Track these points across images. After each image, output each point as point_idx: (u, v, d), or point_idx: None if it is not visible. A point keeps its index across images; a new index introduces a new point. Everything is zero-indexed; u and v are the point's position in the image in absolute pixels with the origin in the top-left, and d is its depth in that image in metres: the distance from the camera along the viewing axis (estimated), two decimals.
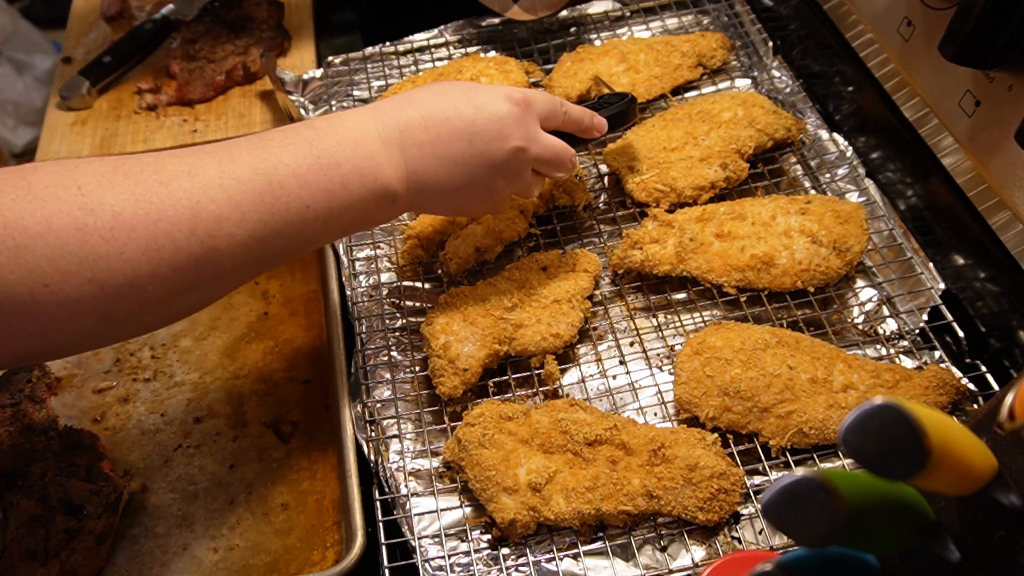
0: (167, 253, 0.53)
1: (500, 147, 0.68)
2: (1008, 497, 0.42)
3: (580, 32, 1.12)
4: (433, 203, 0.70)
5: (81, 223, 0.50)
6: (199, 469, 0.80)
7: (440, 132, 0.66)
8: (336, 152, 0.61)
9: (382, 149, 0.64)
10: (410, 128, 0.65)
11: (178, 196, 0.54)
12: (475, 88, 0.69)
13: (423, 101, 0.67)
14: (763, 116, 0.92)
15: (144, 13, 1.24)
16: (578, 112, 0.76)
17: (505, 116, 0.68)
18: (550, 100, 0.73)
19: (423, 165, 0.66)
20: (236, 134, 1.07)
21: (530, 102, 0.70)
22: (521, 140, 0.69)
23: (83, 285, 0.51)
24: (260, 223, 0.58)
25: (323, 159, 0.61)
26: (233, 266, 0.58)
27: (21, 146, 2.32)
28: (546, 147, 0.72)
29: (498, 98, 0.68)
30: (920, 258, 0.83)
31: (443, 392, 0.76)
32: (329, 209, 0.61)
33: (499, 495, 0.69)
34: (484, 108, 0.67)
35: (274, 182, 0.58)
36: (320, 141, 0.62)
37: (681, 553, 0.68)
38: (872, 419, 0.37)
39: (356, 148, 0.62)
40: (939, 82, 0.81)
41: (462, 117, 0.67)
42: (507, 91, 0.69)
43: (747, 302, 0.82)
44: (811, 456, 0.72)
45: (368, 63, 1.10)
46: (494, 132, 0.67)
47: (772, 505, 0.39)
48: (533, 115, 0.71)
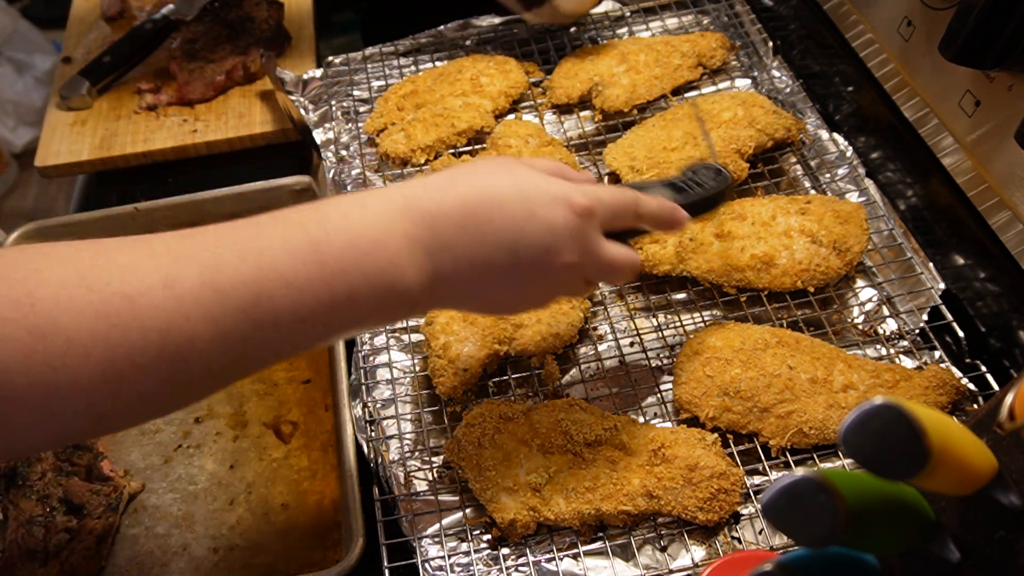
0: (129, 377, 0.46)
1: (549, 262, 0.57)
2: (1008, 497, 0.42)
3: (580, 32, 1.12)
4: (459, 305, 0.61)
5: (30, 349, 0.44)
6: (199, 469, 0.81)
7: (480, 235, 0.55)
8: (345, 257, 0.51)
9: (405, 250, 0.53)
10: (445, 225, 0.54)
11: (146, 316, 0.46)
12: (533, 182, 0.57)
13: (466, 187, 0.56)
14: (763, 116, 0.92)
15: (144, 13, 1.24)
16: (655, 209, 0.64)
17: (561, 228, 0.56)
18: (619, 202, 0.61)
19: (453, 270, 0.55)
20: (236, 135, 1.08)
21: (593, 210, 0.58)
22: (575, 255, 0.58)
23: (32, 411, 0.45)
24: (241, 341, 0.49)
25: (328, 266, 0.51)
26: (210, 379, 0.51)
27: (21, 146, 2.32)
28: (603, 261, 0.60)
29: (556, 202, 0.57)
30: (920, 258, 0.83)
31: (443, 392, 0.76)
32: (329, 322, 0.52)
33: (499, 495, 0.69)
34: (537, 214, 0.56)
35: (263, 295, 0.49)
36: (328, 243, 0.51)
37: (681, 553, 0.68)
38: (872, 419, 0.37)
39: (372, 251, 0.52)
40: (939, 82, 0.81)
41: (510, 221, 0.55)
42: (568, 194, 0.57)
43: (747, 302, 0.82)
44: (811, 456, 0.72)
45: (368, 63, 1.10)
46: (545, 244, 0.56)
47: (772, 505, 0.39)
48: (595, 224, 0.59)
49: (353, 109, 1.05)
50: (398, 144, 0.97)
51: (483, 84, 1.01)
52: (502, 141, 0.94)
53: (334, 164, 0.99)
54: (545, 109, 1.03)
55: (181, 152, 1.08)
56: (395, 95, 1.03)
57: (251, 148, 1.09)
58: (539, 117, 1.02)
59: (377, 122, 1.01)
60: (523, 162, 0.60)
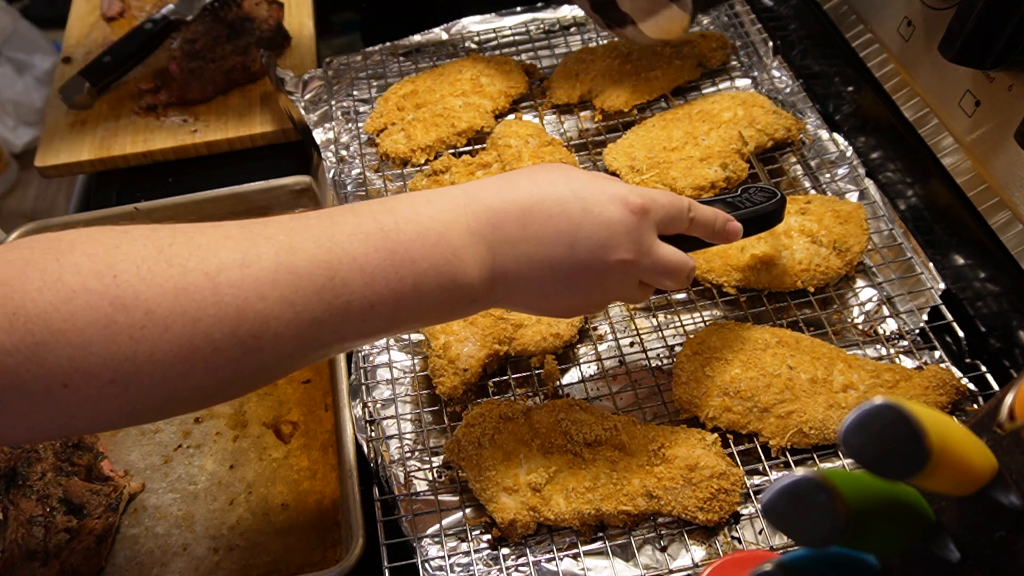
0: (203, 354, 0.47)
1: (605, 257, 0.58)
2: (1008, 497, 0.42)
3: (580, 32, 1.12)
4: (518, 305, 0.61)
5: (110, 319, 0.45)
6: (199, 469, 0.81)
7: (539, 232, 0.57)
8: (414, 247, 0.53)
9: (468, 244, 0.55)
10: (506, 221, 0.56)
11: (224, 292, 0.47)
12: (588, 183, 0.59)
13: (526, 189, 0.58)
14: (763, 116, 0.92)
15: (144, 13, 1.24)
16: (708, 216, 0.65)
17: (616, 223, 0.58)
18: (674, 205, 0.62)
19: (513, 265, 0.57)
20: (236, 134, 1.08)
21: (647, 209, 0.59)
22: (630, 253, 0.59)
23: (105, 386, 0.46)
24: (314, 323, 0.51)
25: (397, 254, 0.53)
26: (278, 363, 0.52)
27: (21, 146, 2.32)
28: (658, 262, 0.61)
29: (612, 200, 0.58)
30: (920, 258, 0.83)
31: (443, 392, 0.76)
32: (397, 308, 0.54)
33: (499, 495, 0.69)
34: (593, 211, 0.57)
35: (336, 279, 0.51)
36: (398, 232, 0.53)
37: (681, 553, 0.68)
38: (872, 419, 0.37)
39: (438, 243, 0.54)
40: (939, 82, 0.81)
41: (568, 217, 0.57)
42: (624, 193, 0.59)
43: (747, 302, 0.82)
44: (811, 456, 0.72)
45: (368, 63, 1.10)
46: (601, 240, 0.57)
47: (772, 505, 0.39)
48: (650, 224, 0.60)
49: (353, 109, 1.05)
50: (398, 144, 0.97)
51: (483, 84, 1.01)
52: (502, 141, 0.94)
53: (334, 164, 0.99)
54: (545, 109, 1.03)
55: (181, 152, 1.08)
56: (395, 95, 1.03)
57: (251, 148, 1.09)
58: (539, 117, 1.02)
59: (377, 122, 1.01)
60: (577, 167, 0.62)
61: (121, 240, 0.48)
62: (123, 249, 0.47)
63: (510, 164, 0.91)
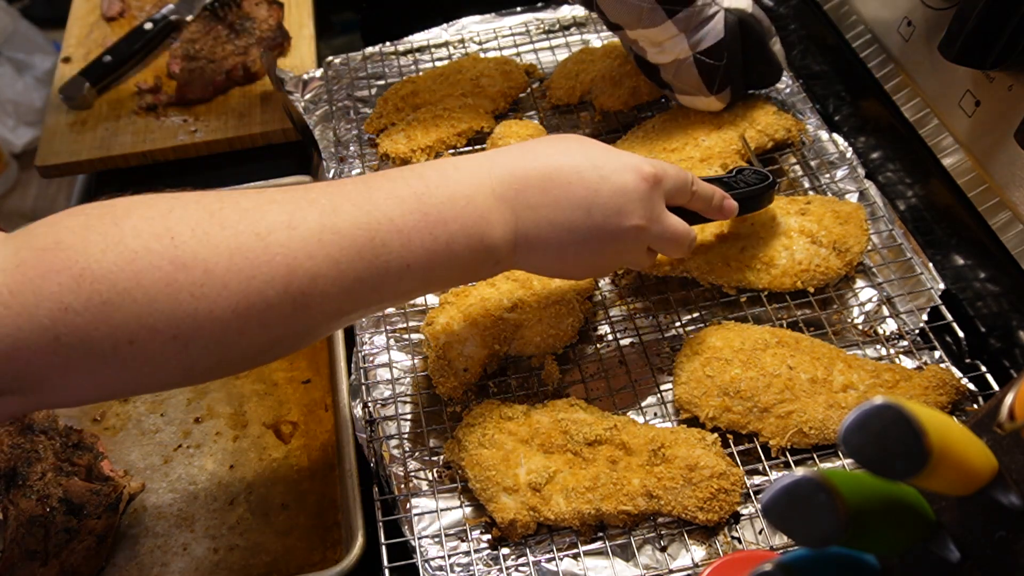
0: (257, 311, 0.50)
1: (619, 223, 0.62)
2: (1008, 497, 0.42)
3: (581, 32, 1.12)
4: (537, 266, 0.65)
5: (172, 279, 0.48)
6: (199, 469, 0.81)
7: (558, 196, 0.61)
8: (445, 209, 0.57)
9: (494, 207, 0.59)
10: (527, 187, 0.60)
11: (274, 251, 0.51)
12: (604, 153, 0.63)
13: (545, 157, 0.62)
14: (763, 116, 0.92)
15: (144, 13, 1.24)
16: (708, 191, 0.70)
17: (631, 191, 0.62)
18: (680, 177, 0.67)
19: (534, 228, 0.61)
20: (236, 134, 1.08)
21: (659, 179, 0.64)
22: (642, 219, 0.63)
23: (168, 342, 0.49)
24: (357, 281, 0.54)
25: (431, 216, 0.56)
26: (324, 321, 0.55)
27: (21, 146, 2.32)
28: (667, 229, 0.66)
29: (626, 169, 0.63)
30: (920, 258, 0.83)
31: (443, 392, 0.76)
32: (430, 267, 0.57)
33: (499, 495, 0.69)
34: (609, 178, 0.62)
35: (376, 239, 0.54)
36: (430, 196, 0.57)
37: (681, 553, 0.68)
38: (872, 419, 0.37)
39: (467, 205, 0.58)
40: (939, 82, 0.81)
41: (585, 184, 0.61)
42: (637, 163, 0.63)
43: (747, 302, 0.82)
44: (811, 456, 0.72)
45: (368, 63, 1.10)
46: (616, 206, 0.62)
47: (772, 505, 0.39)
48: (660, 192, 0.65)
49: (353, 109, 1.05)
50: (398, 144, 0.97)
51: (483, 84, 1.01)
52: (502, 141, 0.94)
53: (334, 164, 0.99)
54: (545, 109, 1.03)
55: (181, 152, 1.08)
56: (395, 95, 1.03)
57: (251, 148, 1.09)
58: (539, 117, 1.02)
59: (377, 122, 1.01)
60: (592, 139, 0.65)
61: (174, 205, 0.50)
62: (176, 213, 0.50)
63: None
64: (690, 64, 0.86)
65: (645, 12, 0.82)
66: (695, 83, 0.88)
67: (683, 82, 0.89)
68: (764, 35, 0.87)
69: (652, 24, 0.83)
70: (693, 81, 0.88)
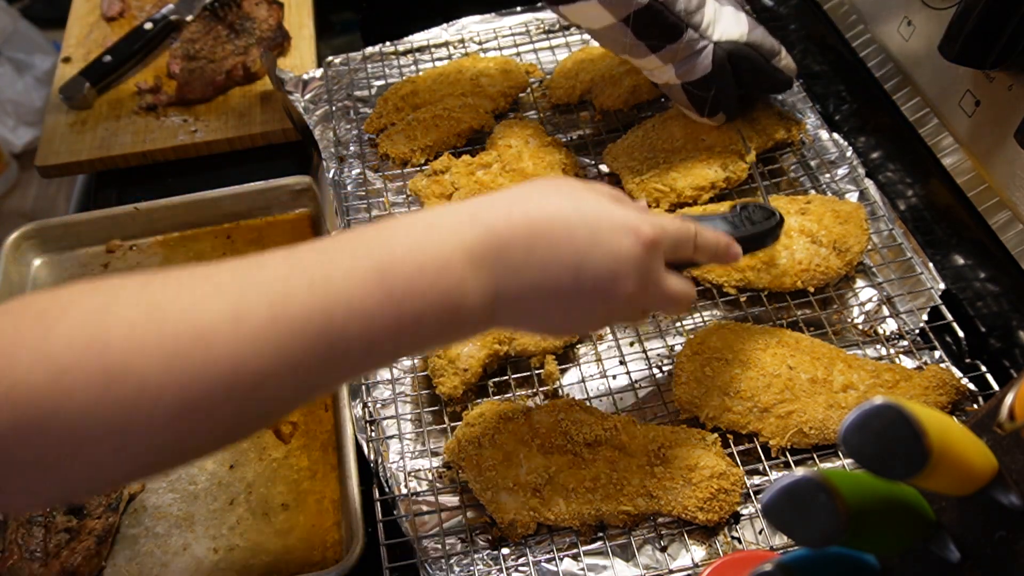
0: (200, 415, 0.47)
1: (610, 289, 0.56)
2: (1008, 497, 0.42)
3: (581, 32, 1.12)
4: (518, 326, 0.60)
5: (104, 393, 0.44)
6: (199, 469, 0.80)
7: (545, 257, 0.54)
8: (414, 282, 0.51)
9: (471, 273, 0.53)
10: (510, 247, 0.54)
11: (217, 352, 0.46)
12: (599, 207, 0.57)
13: (533, 211, 0.55)
14: (763, 116, 0.92)
15: (144, 13, 1.24)
16: (711, 241, 0.64)
17: (625, 256, 0.56)
18: (681, 231, 0.61)
19: (517, 292, 0.55)
20: (236, 134, 1.08)
21: (658, 241, 0.58)
22: (636, 285, 0.57)
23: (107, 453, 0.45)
24: (311, 370, 0.49)
25: (396, 292, 0.50)
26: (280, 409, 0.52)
27: (21, 146, 2.32)
28: (664, 292, 0.60)
29: (622, 230, 0.56)
30: (920, 258, 0.83)
31: (443, 392, 0.76)
32: (397, 345, 0.52)
33: (499, 495, 0.69)
34: (602, 240, 0.55)
35: (333, 325, 0.49)
36: (396, 268, 0.51)
37: (681, 553, 0.68)
38: (872, 419, 0.37)
39: (439, 275, 0.52)
40: (939, 82, 0.81)
41: (575, 245, 0.55)
42: (635, 224, 0.56)
43: (747, 302, 0.82)
44: (811, 456, 0.72)
45: (368, 63, 1.10)
46: (608, 271, 0.56)
47: (772, 505, 0.39)
48: (659, 254, 0.59)
49: (353, 109, 1.05)
50: (398, 144, 0.97)
51: (483, 84, 1.01)
52: (502, 141, 0.94)
53: (334, 164, 0.99)
54: (545, 109, 1.03)
55: (181, 152, 1.08)
56: (395, 95, 1.03)
57: (251, 148, 1.09)
58: (539, 117, 1.02)
59: (377, 122, 1.01)
60: (587, 186, 0.59)
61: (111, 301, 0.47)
62: (113, 312, 0.46)
63: (510, 164, 0.91)
64: (679, 89, 0.86)
65: (629, 46, 0.82)
66: (686, 105, 0.88)
67: (675, 100, 0.89)
68: (762, 61, 0.86)
69: (636, 56, 0.84)
70: (683, 103, 0.88)
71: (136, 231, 0.99)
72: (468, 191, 0.89)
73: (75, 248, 0.99)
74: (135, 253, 0.98)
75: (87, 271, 0.97)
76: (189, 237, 0.99)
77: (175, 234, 1.00)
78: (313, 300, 0.49)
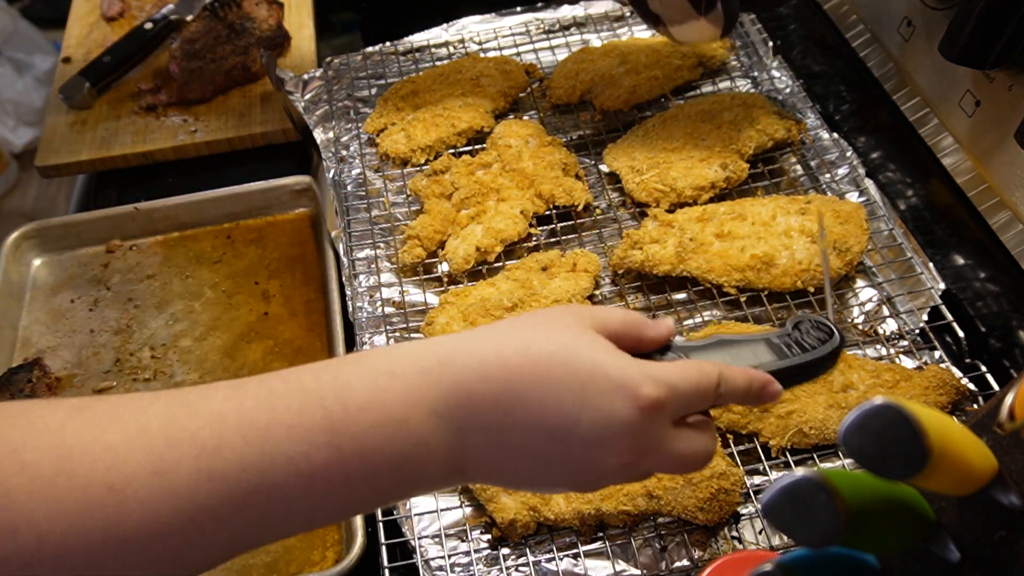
0: (107, 570, 0.41)
1: (598, 460, 0.48)
2: (1008, 497, 0.42)
3: (580, 32, 1.12)
4: (494, 483, 0.54)
5: (5, 540, 0.39)
6: None
7: (524, 420, 0.46)
8: (367, 440, 0.44)
9: (435, 432, 0.45)
10: (484, 405, 0.46)
11: (131, 508, 0.40)
12: (593, 361, 0.47)
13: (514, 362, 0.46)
14: (763, 116, 0.92)
15: (144, 13, 1.24)
16: (741, 385, 0.51)
17: (618, 424, 0.46)
18: (699, 386, 0.49)
19: (491, 455, 0.47)
20: (236, 134, 1.08)
21: (661, 404, 0.47)
22: (632, 455, 0.48)
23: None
24: (242, 529, 0.44)
25: (346, 450, 0.44)
26: (206, 564, 0.45)
27: (21, 146, 2.32)
28: (669, 459, 0.49)
29: (618, 393, 0.46)
30: (920, 258, 0.83)
31: None
32: (345, 506, 0.46)
33: (499, 495, 0.69)
34: (593, 404, 0.46)
35: (271, 484, 0.43)
36: (348, 424, 0.44)
37: (681, 553, 0.68)
38: (872, 419, 0.37)
39: (395, 433, 0.45)
40: (939, 82, 0.81)
41: (561, 408, 0.46)
42: (635, 383, 0.46)
43: (747, 302, 0.82)
44: (811, 456, 0.72)
45: (368, 63, 1.10)
46: (596, 439, 0.46)
47: (772, 505, 0.39)
48: (665, 417, 0.48)
49: (353, 109, 1.05)
50: (398, 144, 0.97)
51: (483, 84, 1.01)
52: (502, 141, 0.94)
53: (334, 164, 0.99)
54: (545, 109, 1.03)
55: (181, 152, 1.08)
56: (395, 95, 1.03)
57: (251, 148, 1.09)
58: (539, 117, 1.02)
59: (377, 122, 1.01)
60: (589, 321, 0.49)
61: (22, 445, 0.41)
62: (20, 458, 0.41)
63: (510, 164, 0.91)
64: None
65: None
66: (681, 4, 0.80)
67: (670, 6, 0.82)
68: None
69: None
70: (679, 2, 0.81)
71: (136, 231, 0.99)
72: (468, 191, 0.89)
73: (75, 248, 0.99)
74: (135, 253, 0.98)
75: (87, 271, 0.97)
76: (189, 237, 0.99)
77: (175, 234, 1.00)
78: (248, 452, 0.43)
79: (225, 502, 0.42)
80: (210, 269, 0.96)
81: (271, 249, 0.97)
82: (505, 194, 0.89)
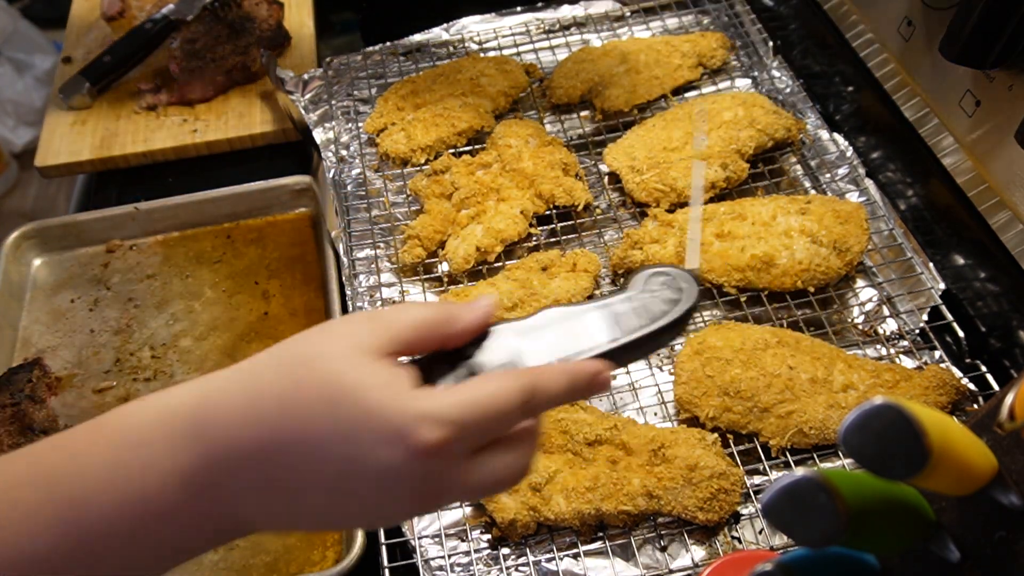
0: None
1: (382, 509, 0.43)
2: (1008, 497, 0.42)
3: (580, 32, 1.12)
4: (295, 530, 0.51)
5: None
6: None
7: (290, 484, 0.42)
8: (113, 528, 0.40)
9: (184, 507, 0.41)
10: (242, 473, 0.41)
11: None
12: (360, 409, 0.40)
13: (270, 421, 0.41)
14: (763, 116, 0.92)
15: (144, 13, 1.24)
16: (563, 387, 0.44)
17: (393, 476, 0.40)
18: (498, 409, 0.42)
19: (266, 517, 0.43)
20: (236, 135, 1.08)
21: (443, 445, 0.40)
22: (416, 506, 0.43)
23: None
24: None
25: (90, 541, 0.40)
26: None
27: (21, 146, 2.32)
28: (467, 493, 0.44)
29: (388, 442, 0.40)
30: (920, 258, 0.83)
31: None
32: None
33: (499, 495, 0.69)
34: (363, 458, 0.40)
35: None
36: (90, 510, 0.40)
37: (681, 553, 0.68)
38: (872, 419, 0.37)
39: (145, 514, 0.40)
40: (939, 82, 0.81)
41: (329, 468, 0.41)
42: (409, 429, 0.40)
43: (747, 302, 0.82)
44: (811, 456, 0.72)
45: (368, 63, 1.10)
46: (373, 493, 0.42)
47: (772, 505, 0.39)
48: (453, 456, 0.42)
49: (353, 109, 1.05)
50: (398, 144, 0.97)
51: (483, 84, 1.01)
52: (502, 141, 0.94)
53: (334, 164, 0.99)
54: (545, 109, 1.03)
55: (181, 152, 1.08)
56: (395, 95, 1.03)
57: (251, 148, 1.09)
58: (539, 117, 1.02)
59: (377, 122, 1.01)
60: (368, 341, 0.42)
61: None
62: None
63: (510, 164, 0.91)
64: None
65: None
66: None
67: None
68: None
69: None
70: None
71: (136, 231, 0.99)
72: (468, 191, 0.89)
73: (75, 248, 0.99)
74: (135, 253, 0.98)
75: (87, 271, 0.97)
76: (189, 237, 0.99)
77: (175, 234, 1.00)
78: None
79: None
80: (210, 269, 0.96)
81: (271, 249, 0.97)
82: (505, 194, 0.89)
